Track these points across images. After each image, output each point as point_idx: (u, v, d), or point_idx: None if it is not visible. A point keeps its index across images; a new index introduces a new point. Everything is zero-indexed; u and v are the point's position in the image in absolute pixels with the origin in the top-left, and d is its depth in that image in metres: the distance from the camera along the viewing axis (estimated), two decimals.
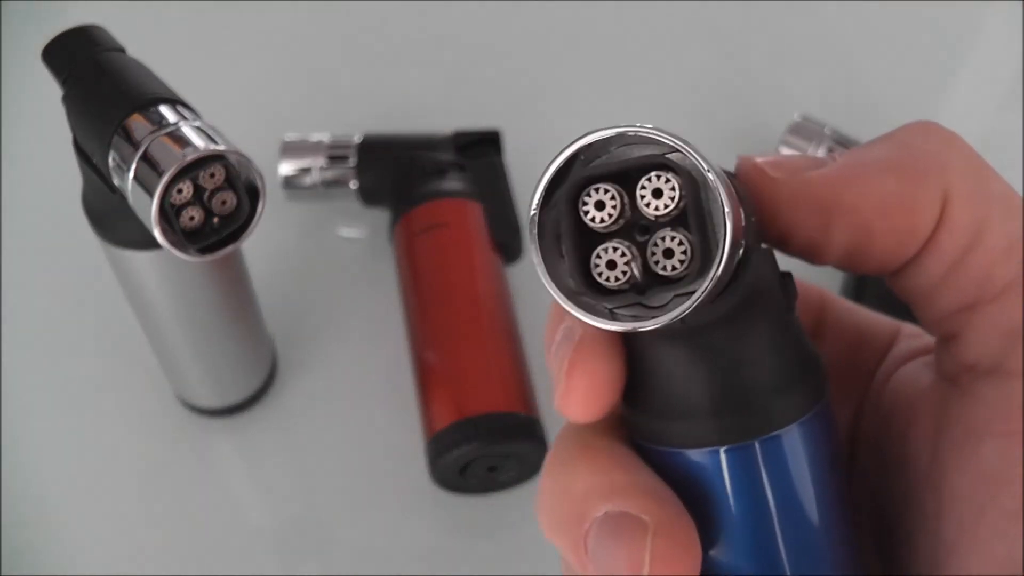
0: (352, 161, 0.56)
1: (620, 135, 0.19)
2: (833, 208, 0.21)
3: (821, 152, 0.56)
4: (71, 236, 0.45)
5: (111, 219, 0.39)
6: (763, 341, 0.21)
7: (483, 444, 0.45)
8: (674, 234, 0.18)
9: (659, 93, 0.65)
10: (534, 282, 0.20)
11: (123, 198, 0.35)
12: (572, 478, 0.22)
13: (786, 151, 0.57)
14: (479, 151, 0.56)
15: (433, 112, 0.63)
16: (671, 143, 0.18)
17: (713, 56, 0.67)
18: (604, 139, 0.19)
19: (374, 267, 0.56)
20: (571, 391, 0.21)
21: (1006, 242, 0.21)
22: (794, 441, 0.21)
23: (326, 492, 0.50)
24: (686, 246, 0.18)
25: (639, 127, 0.19)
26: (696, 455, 0.21)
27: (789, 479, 0.21)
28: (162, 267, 0.41)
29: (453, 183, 0.53)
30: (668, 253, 0.18)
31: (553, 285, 0.19)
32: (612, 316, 0.19)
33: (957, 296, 0.22)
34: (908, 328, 0.26)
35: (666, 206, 0.18)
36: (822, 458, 0.22)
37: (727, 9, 0.69)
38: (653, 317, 0.18)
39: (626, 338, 0.21)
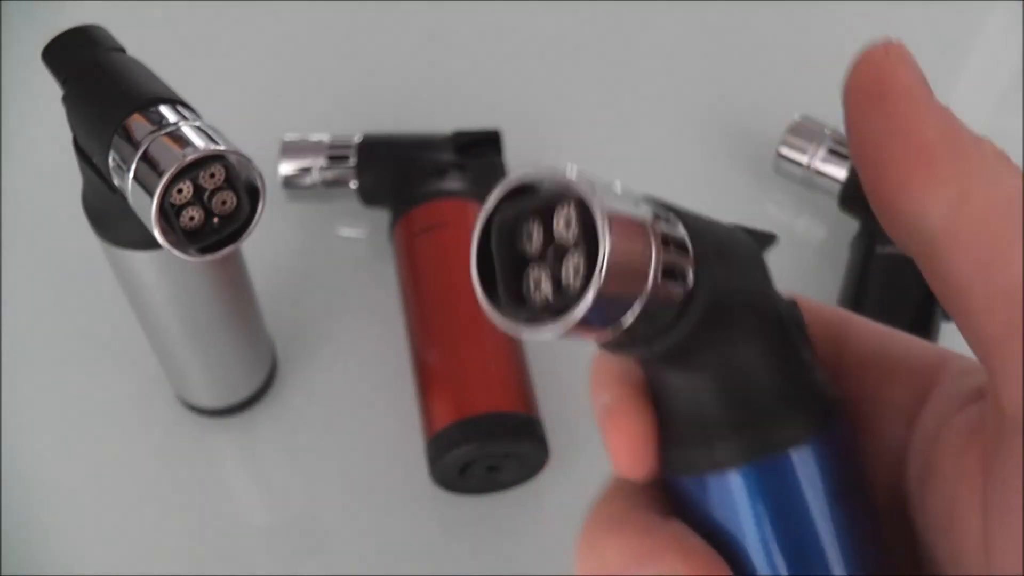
0: (352, 161, 0.56)
1: (528, 178, 0.20)
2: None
3: (821, 152, 0.56)
4: (71, 236, 0.45)
5: (111, 219, 0.39)
6: (743, 365, 0.21)
7: (483, 444, 0.45)
8: (577, 255, 0.20)
9: (659, 93, 0.65)
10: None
11: (123, 198, 0.35)
12: (604, 550, 0.23)
13: (786, 151, 0.57)
14: (479, 151, 0.56)
15: (433, 112, 0.63)
16: (565, 180, 0.20)
17: (713, 56, 0.67)
18: (523, 183, 0.20)
19: (374, 267, 0.56)
20: (614, 453, 0.23)
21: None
22: (785, 468, 0.22)
23: (326, 492, 0.50)
24: (581, 265, 0.20)
25: (533, 171, 0.20)
26: (710, 480, 0.22)
27: (781, 504, 0.22)
28: (162, 267, 0.41)
29: (453, 183, 0.53)
30: (574, 273, 0.20)
31: (487, 302, 0.21)
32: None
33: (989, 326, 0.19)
34: (955, 364, 0.23)
35: (572, 232, 0.20)
36: (822, 487, 0.22)
37: (727, 9, 0.69)
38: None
39: (648, 378, 0.23)
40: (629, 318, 0.20)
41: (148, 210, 0.33)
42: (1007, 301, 0.18)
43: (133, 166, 0.34)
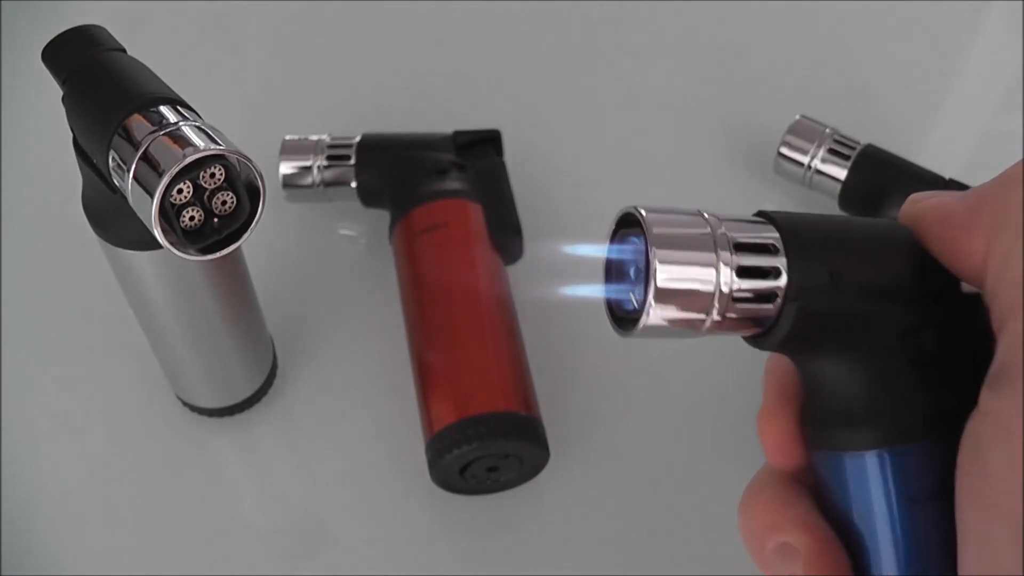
0: (352, 161, 0.56)
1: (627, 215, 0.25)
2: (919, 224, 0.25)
3: (821, 152, 0.56)
4: (71, 236, 0.45)
5: (111, 219, 0.39)
6: (857, 366, 0.25)
7: (483, 444, 0.45)
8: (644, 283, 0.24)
9: (659, 93, 0.65)
10: (534, 282, 0.23)
11: (123, 198, 0.35)
12: (752, 515, 0.28)
13: (786, 151, 0.57)
14: (479, 151, 0.56)
15: (433, 112, 0.63)
16: (637, 217, 0.24)
17: (713, 56, 0.67)
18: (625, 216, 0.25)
19: (374, 267, 0.56)
20: (764, 447, 0.27)
21: (1015, 279, 0.22)
22: (904, 461, 0.25)
23: (326, 492, 0.50)
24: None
25: (628, 209, 0.25)
26: (835, 457, 0.26)
27: (898, 490, 0.25)
28: (162, 267, 0.41)
29: (453, 183, 0.53)
30: (643, 298, 0.24)
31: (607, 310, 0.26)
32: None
33: (995, 326, 0.23)
34: None
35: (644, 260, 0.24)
36: (936, 482, 0.24)
37: (727, 9, 0.69)
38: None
39: (798, 368, 0.27)
40: (704, 329, 0.24)
41: (148, 210, 0.33)
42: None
43: (133, 166, 0.34)
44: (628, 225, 0.25)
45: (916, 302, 0.25)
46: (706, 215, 0.24)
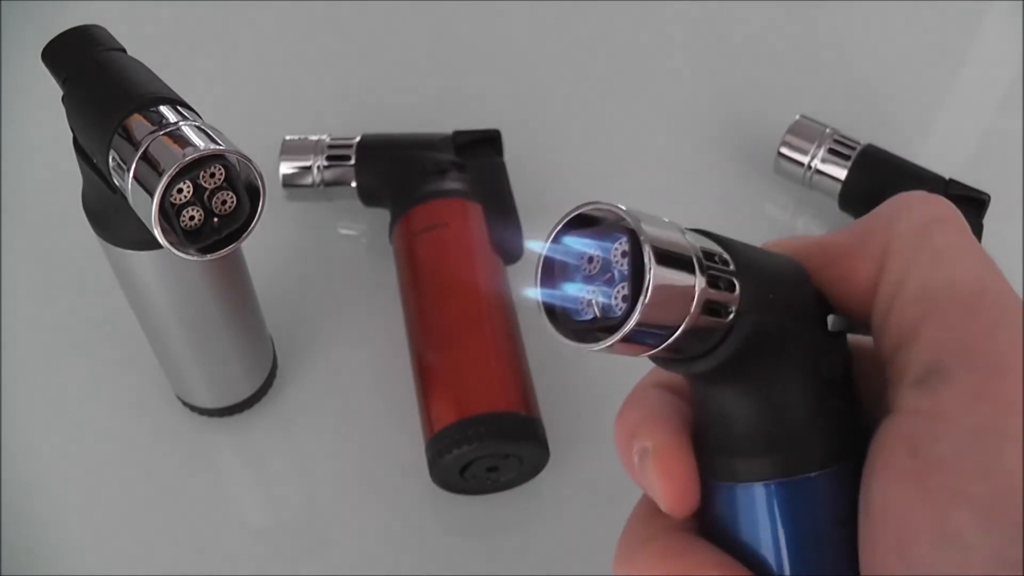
0: (352, 161, 0.56)
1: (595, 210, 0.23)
2: (804, 259, 0.25)
3: (822, 152, 0.56)
4: (71, 236, 0.45)
5: (111, 219, 0.39)
6: (779, 392, 0.24)
7: (483, 444, 0.45)
8: (626, 285, 0.22)
9: (659, 93, 0.65)
10: (534, 282, 0.22)
11: (123, 198, 0.35)
12: (641, 568, 0.25)
13: (786, 151, 0.57)
14: (479, 151, 0.56)
15: (433, 112, 0.63)
16: (618, 213, 0.22)
17: (713, 56, 0.67)
18: (584, 214, 0.23)
19: (374, 267, 0.56)
20: (662, 494, 0.25)
21: (918, 291, 0.23)
22: (803, 490, 0.24)
23: (326, 492, 0.50)
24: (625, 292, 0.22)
25: (592, 205, 0.23)
26: (736, 488, 0.24)
27: (798, 521, 0.24)
28: (162, 267, 0.41)
29: (453, 183, 0.53)
30: (622, 299, 0.22)
31: (546, 317, 0.23)
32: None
33: (888, 344, 0.23)
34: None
35: (625, 262, 0.22)
36: (839, 511, 0.24)
37: (727, 9, 0.69)
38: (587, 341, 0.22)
39: (692, 391, 0.25)
40: (669, 341, 0.22)
41: (148, 210, 0.33)
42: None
43: (133, 166, 0.34)
44: (578, 224, 0.23)
45: (823, 327, 0.25)
46: (667, 220, 0.23)
